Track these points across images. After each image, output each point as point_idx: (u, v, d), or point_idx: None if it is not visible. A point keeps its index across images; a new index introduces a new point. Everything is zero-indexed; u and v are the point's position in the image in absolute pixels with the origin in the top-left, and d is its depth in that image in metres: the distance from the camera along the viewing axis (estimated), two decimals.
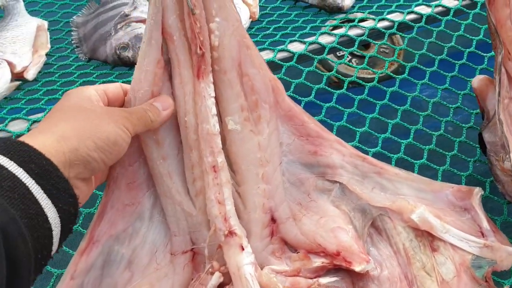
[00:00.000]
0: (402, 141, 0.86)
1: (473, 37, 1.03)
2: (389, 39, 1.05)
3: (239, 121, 0.59)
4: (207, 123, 0.57)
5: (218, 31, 0.57)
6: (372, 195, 0.64)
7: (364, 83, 0.95)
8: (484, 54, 1.00)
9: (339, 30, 1.05)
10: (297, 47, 1.00)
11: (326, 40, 1.02)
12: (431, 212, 0.64)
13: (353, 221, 0.63)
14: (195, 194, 0.59)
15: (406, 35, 1.04)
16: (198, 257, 0.60)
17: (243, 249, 0.57)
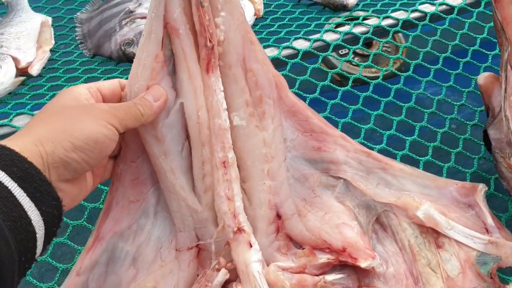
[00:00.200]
0: (407, 138, 0.86)
1: (477, 35, 1.03)
2: (391, 38, 1.05)
3: (245, 116, 0.58)
4: (219, 118, 0.57)
5: (224, 26, 0.56)
6: (377, 191, 0.64)
7: (368, 80, 0.95)
8: (488, 52, 1.00)
9: (344, 28, 1.05)
10: (301, 44, 1.00)
11: (330, 37, 1.02)
12: (436, 208, 0.64)
13: (357, 217, 0.63)
14: (204, 190, 0.58)
15: (410, 33, 1.04)
16: (204, 253, 0.60)
17: (251, 246, 0.57)
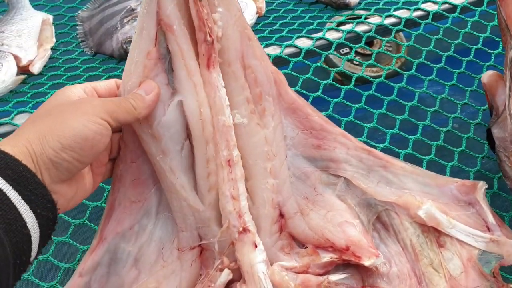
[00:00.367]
0: (410, 137, 0.86)
1: (480, 34, 1.02)
2: (393, 37, 1.05)
3: (246, 114, 0.58)
4: (223, 115, 0.56)
5: (221, 22, 0.55)
6: (378, 190, 0.64)
7: (371, 79, 0.95)
8: (491, 51, 1.00)
9: (347, 26, 1.05)
10: (304, 43, 1.00)
11: (333, 36, 1.02)
12: (437, 207, 0.63)
13: (359, 215, 0.63)
14: (208, 189, 0.57)
15: (413, 32, 1.03)
16: (206, 253, 0.59)
17: (256, 246, 0.56)
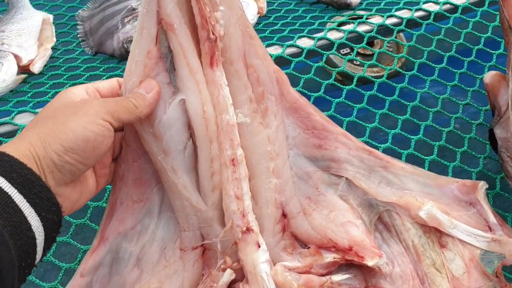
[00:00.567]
0: (412, 137, 0.85)
1: (481, 34, 1.02)
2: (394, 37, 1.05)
3: (248, 113, 0.57)
4: (227, 113, 0.55)
5: (223, 20, 0.55)
6: (379, 190, 0.63)
7: (372, 79, 0.95)
8: (492, 52, 1.00)
9: (348, 26, 1.05)
10: (306, 43, 0.99)
11: (334, 36, 1.02)
12: (438, 207, 0.63)
13: (362, 215, 0.63)
14: (212, 188, 0.57)
15: (414, 32, 1.03)
16: (209, 252, 0.59)
17: (259, 246, 0.56)
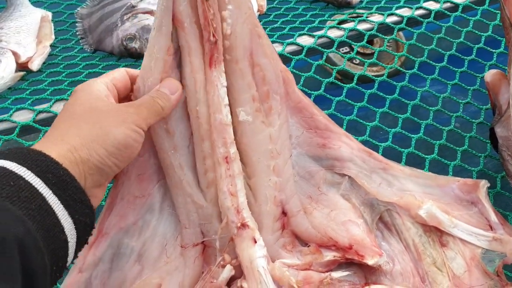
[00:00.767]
0: (412, 135, 0.85)
1: (482, 33, 1.02)
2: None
3: (251, 112, 0.58)
4: (220, 113, 0.56)
5: (231, 19, 0.55)
6: (380, 190, 0.64)
7: (373, 78, 0.94)
8: (493, 50, 0.99)
9: (348, 24, 1.04)
10: (306, 41, 0.99)
11: (335, 34, 1.01)
12: (439, 207, 0.63)
13: (363, 214, 0.63)
14: (207, 185, 0.58)
15: (415, 30, 1.03)
16: (209, 249, 0.59)
17: (256, 242, 0.56)
